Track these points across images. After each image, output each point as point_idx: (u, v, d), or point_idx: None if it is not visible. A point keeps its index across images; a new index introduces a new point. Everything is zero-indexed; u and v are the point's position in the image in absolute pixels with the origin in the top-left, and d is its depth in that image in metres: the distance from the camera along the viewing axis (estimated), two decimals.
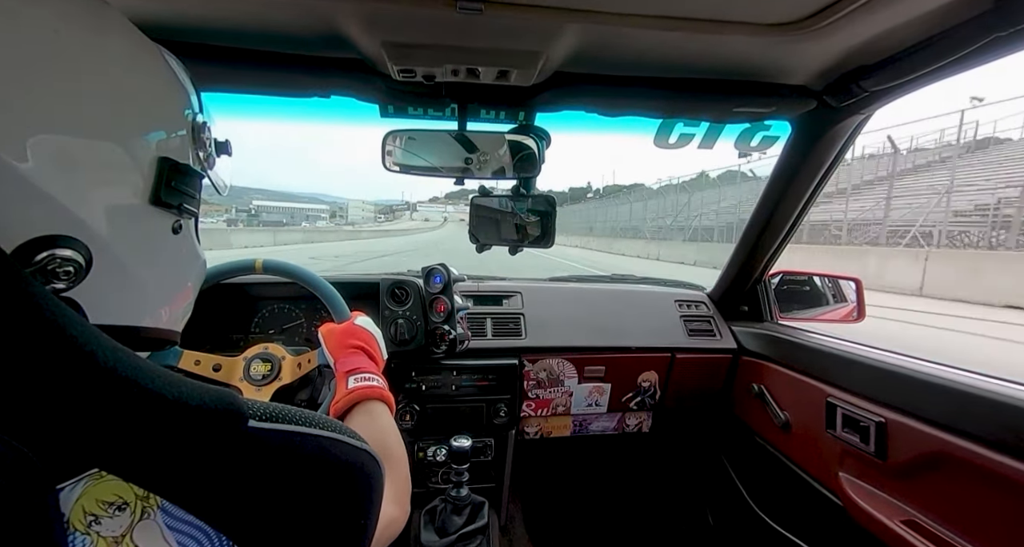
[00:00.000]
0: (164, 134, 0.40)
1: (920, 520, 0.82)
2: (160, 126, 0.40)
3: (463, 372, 1.30)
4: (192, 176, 0.43)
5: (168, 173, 0.40)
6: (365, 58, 0.81)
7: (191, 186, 0.43)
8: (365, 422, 0.66)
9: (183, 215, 0.44)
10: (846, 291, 1.45)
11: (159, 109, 0.41)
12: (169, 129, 0.41)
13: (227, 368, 0.94)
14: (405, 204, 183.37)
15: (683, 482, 1.75)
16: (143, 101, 0.39)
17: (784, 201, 1.19)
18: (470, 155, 0.92)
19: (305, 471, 0.33)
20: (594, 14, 0.66)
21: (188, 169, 0.42)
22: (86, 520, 0.27)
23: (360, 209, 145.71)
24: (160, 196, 0.39)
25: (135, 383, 0.27)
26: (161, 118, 0.41)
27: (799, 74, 0.86)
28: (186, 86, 0.45)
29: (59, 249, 0.32)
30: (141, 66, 0.40)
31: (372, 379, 0.71)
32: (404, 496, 0.59)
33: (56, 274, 0.32)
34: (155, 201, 0.39)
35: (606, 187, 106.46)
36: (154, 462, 0.27)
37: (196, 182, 0.44)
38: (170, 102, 0.42)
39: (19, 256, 0.31)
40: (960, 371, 0.81)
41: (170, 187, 0.40)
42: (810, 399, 1.08)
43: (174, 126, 0.42)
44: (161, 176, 0.39)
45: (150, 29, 0.73)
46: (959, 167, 13.34)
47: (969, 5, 0.62)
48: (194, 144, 0.44)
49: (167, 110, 0.42)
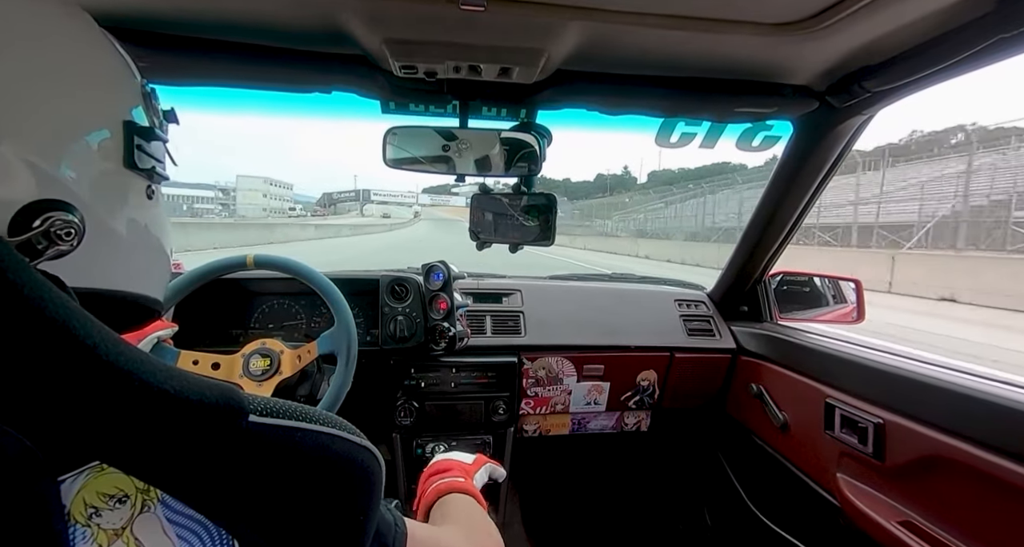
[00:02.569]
0: (125, 99, 0.42)
1: (917, 521, 0.82)
2: (121, 92, 0.42)
3: (462, 369, 1.30)
4: (156, 140, 0.45)
5: (136, 136, 0.41)
6: (367, 54, 0.81)
7: (156, 151, 0.45)
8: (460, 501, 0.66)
9: (154, 180, 0.45)
10: (846, 292, 1.45)
11: (118, 75, 0.43)
12: (128, 94, 0.43)
13: (226, 366, 0.94)
14: (354, 194, 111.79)
15: (681, 481, 1.76)
16: (106, 68, 0.41)
17: (785, 201, 1.19)
18: (448, 142, 0.91)
19: (305, 467, 0.33)
20: (597, 12, 0.66)
21: (151, 132, 0.44)
22: (87, 512, 0.27)
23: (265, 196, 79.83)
24: (134, 159, 0.41)
25: (136, 376, 0.27)
26: (121, 84, 0.43)
27: (801, 74, 0.86)
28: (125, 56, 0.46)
29: (55, 212, 0.33)
30: (96, 41, 0.41)
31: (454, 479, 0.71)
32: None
33: (60, 236, 0.33)
34: (129, 164, 0.41)
35: (652, 174, 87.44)
36: (154, 455, 0.27)
37: (160, 147, 0.46)
38: (123, 68, 0.44)
39: (19, 225, 0.32)
40: (959, 373, 0.81)
41: (140, 150, 0.42)
42: (809, 400, 1.08)
43: (131, 92, 0.44)
44: (130, 139, 0.41)
45: (150, 23, 0.74)
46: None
47: (972, 6, 0.62)
48: (147, 111, 0.45)
49: (124, 76, 0.43)
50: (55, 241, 0.33)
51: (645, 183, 45.66)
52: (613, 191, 46.06)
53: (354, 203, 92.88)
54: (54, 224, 0.33)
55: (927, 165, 16.42)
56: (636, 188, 47.88)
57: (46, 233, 0.32)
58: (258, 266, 0.98)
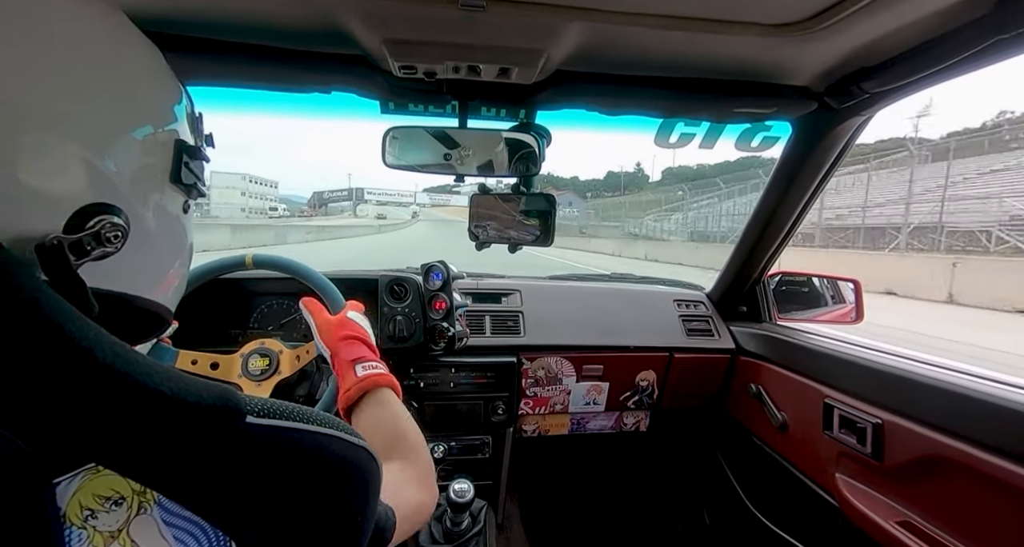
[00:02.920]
0: (178, 120, 0.46)
1: (915, 521, 0.82)
2: (176, 111, 0.46)
3: (461, 369, 1.30)
4: (199, 159, 0.48)
5: (184, 154, 0.45)
6: (366, 54, 0.81)
7: (199, 169, 0.48)
8: (377, 412, 0.65)
9: (191, 196, 0.48)
10: (844, 292, 1.45)
11: (172, 98, 0.46)
12: (181, 114, 0.47)
13: (225, 366, 0.93)
14: (346, 193, 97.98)
15: (680, 481, 1.76)
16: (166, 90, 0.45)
17: (784, 202, 1.19)
18: (450, 151, 0.92)
19: (302, 467, 0.33)
20: (596, 13, 0.66)
21: (197, 152, 0.47)
22: (82, 515, 0.27)
23: (244, 195, 72.36)
24: (180, 176, 0.44)
25: (133, 379, 0.27)
26: (176, 104, 0.46)
27: (800, 75, 0.86)
28: (178, 82, 0.49)
29: (109, 215, 0.35)
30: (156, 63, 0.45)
31: (379, 367, 0.71)
32: (429, 479, 0.59)
33: (108, 239, 0.35)
34: (175, 180, 0.44)
35: (666, 170, 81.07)
36: (151, 457, 0.27)
37: (201, 166, 0.49)
38: (176, 92, 0.47)
39: (73, 226, 0.33)
40: (958, 373, 0.81)
41: (186, 168, 0.45)
42: (807, 400, 1.09)
43: (183, 112, 0.47)
44: (179, 157, 0.44)
45: (149, 23, 0.74)
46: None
47: (970, 8, 0.62)
48: (194, 132, 0.48)
49: (178, 98, 0.47)
50: (103, 243, 0.35)
51: (660, 181, 42.70)
52: (626, 189, 43.67)
53: (348, 203, 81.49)
54: (104, 227, 0.34)
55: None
56: (650, 186, 45.71)
57: (96, 235, 0.34)
58: (257, 266, 0.97)
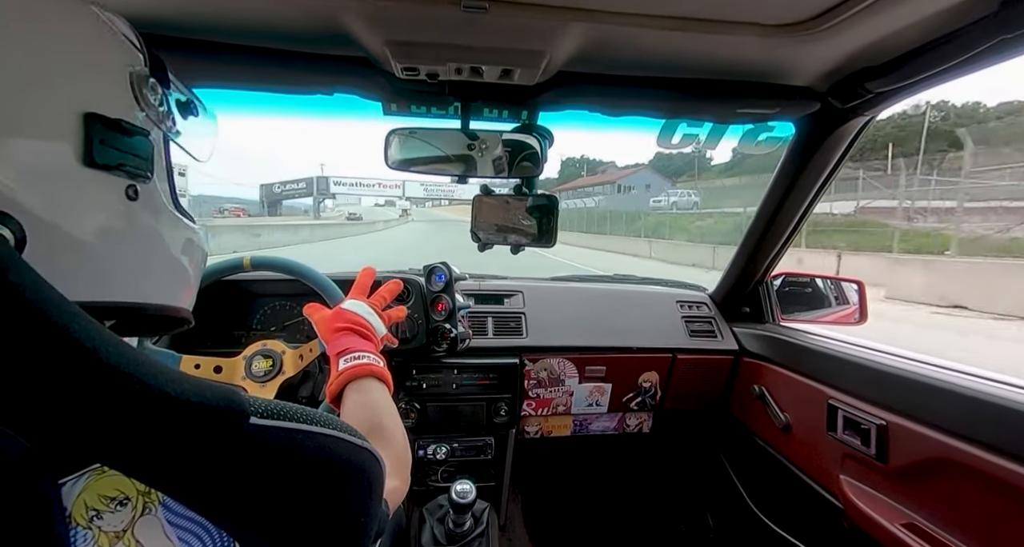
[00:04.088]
0: (89, 89, 0.37)
1: (920, 523, 0.82)
2: (83, 81, 0.37)
3: (464, 371, 1.30)
4: (133, 134, 0.40)
5: (98, 130, 0.36)
6: (369, 56, 0.81)
7: (133, 146, 0.40)
8: (355, 398, 0.64)
9: (135, 179, 0.40)
10: (848, 293, 1.45)
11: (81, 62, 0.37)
12: (96, 84, 0.38)
13: (228, 368, 0.94)
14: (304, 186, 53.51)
15: (683, 483, 1.75)
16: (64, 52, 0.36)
17: (787, 202, 1.18)
18: (472, 141, 0.90)
19: (306, 469, 0.34)
20: (598, 14, 0.66)
21: (124, 125, 0.39)
22: (88, 515, 0.27)
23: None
24: (93, 156, 0.36)
25: (137, 380, 0.27)
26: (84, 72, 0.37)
27: (803, 75, 0.86)
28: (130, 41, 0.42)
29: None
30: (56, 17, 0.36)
31: (363, 357, 0.69)
32: (403, 467, 0.58)
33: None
34: (89, 162, 0.36)
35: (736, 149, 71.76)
36: (155, 458, 0.27)
37: (140, 142, 0.41)
38: (98, 55, 0.39)
39: None
40: (964, 375, 0.80)
41: (103, 145, 0.37)
42: (811, 401, 1.08)
43: (103, 81, 0.39)
44: (89, 134, 0.36)
45: (153, 26, 0.74)
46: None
47: (974, 8, 0.61)
48: (137, 101, 0.41)
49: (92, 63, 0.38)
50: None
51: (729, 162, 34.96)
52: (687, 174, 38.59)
53: (302, 198, 54.55)
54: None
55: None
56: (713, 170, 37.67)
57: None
58: (255, 267, 0.98)
